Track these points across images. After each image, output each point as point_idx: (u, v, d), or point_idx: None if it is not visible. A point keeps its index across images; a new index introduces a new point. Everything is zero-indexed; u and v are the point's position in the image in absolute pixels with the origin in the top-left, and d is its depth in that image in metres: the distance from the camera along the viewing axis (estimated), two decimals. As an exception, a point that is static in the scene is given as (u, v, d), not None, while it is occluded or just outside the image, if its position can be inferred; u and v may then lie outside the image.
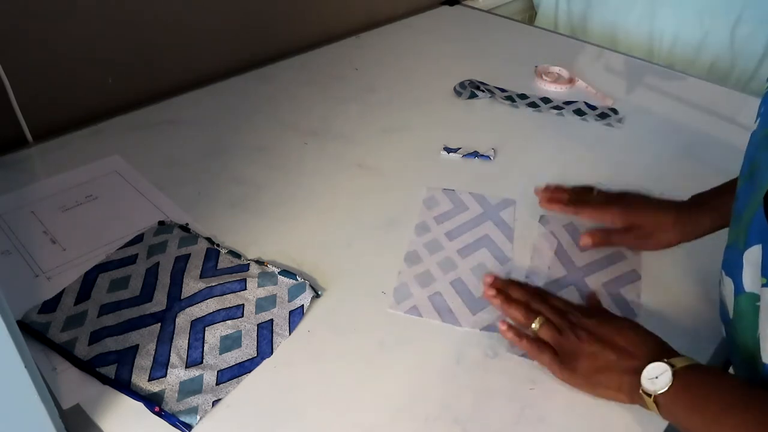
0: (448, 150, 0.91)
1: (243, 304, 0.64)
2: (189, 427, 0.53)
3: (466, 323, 0.64)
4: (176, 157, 0.88)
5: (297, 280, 0.67)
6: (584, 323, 0.58)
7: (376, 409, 0.56)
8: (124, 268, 0.68)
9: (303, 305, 0.64)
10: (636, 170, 0.88)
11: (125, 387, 0.56)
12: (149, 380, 0.57)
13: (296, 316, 0.64)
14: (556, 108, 1.03)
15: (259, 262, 0.69)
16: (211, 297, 0.64)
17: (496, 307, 0.63)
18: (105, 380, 0.57)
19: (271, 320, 0.63)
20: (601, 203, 0.72)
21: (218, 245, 0.72)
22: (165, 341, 0.60)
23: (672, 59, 1.51)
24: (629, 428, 0.55)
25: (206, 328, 0.62)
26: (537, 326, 0.59)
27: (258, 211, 0.79)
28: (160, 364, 0.58)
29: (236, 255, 0.71)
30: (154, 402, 0.55)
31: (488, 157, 0.90)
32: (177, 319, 0.62)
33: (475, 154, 0.90)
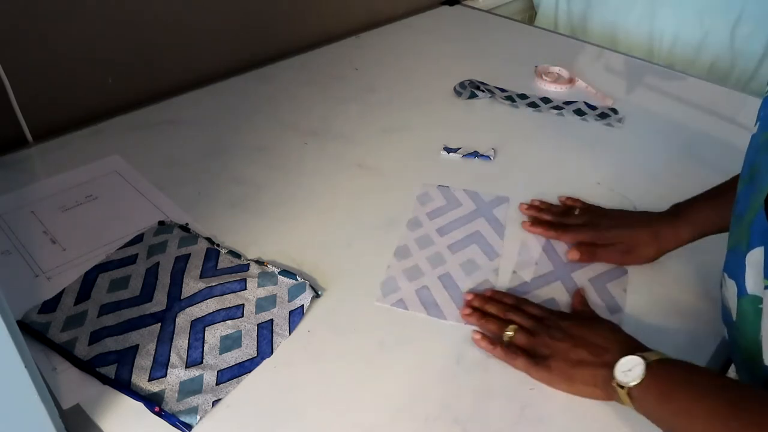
0: (448, 150, 0.91)
1: (243, 304, 0.64)
2: (189, 427, 0.53)
3: (452, 317, 0.65)
4: (176, 157, 0.88)
5: (297, 280, 0.67)
6: (559, 325, 0.60)
7: (376, 409, 0.56)
8: (124, 268, 0.68)
9: (303, 305, 0.64)
10: (636, 170, 0.89)
11: (125, 387, 0.56)
12: (149, 380, 0.57)
13: (296, 316, 0.64)
14: (556, 108, 1.03)
15: (259, 262, 0.69)
16: (211, 297, 0.64)
17: (472, 324, 0.64)
18: (105, 380, 0.57)
19: (271, 320, 0.63)
20: (580, 225, 0.74)
21: (218, 245, 0.72)
22: (165, 341, 0.60)
23: (672, 59, 1.51)
24: (629, 428, 0.55)
25: (206, 328, 0.62)
26: (511, 334, 0.60)
27: (258, 211, 0.79)
28: (160, 364, 0.58)
29: (236, 255, 0.71)
30: (154, 402, 0.55)
31: (488, 157, 0.90)
32: (177, 319, 0.62)
33: (475, 154, 0.90)
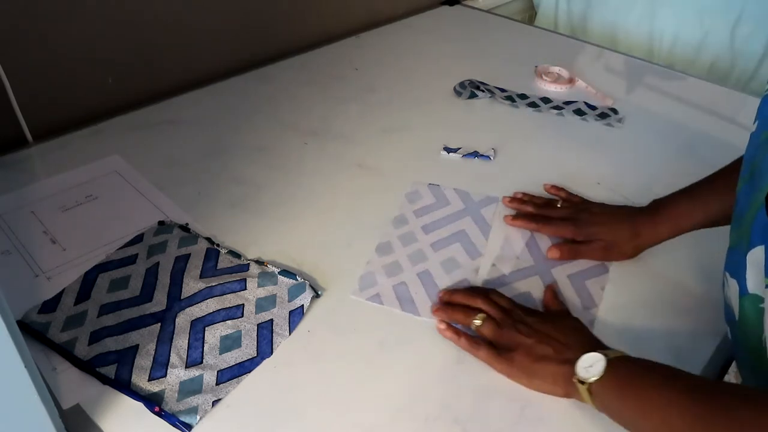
0: (448, 150, 0.91)
1: (243, 304, 0.64)
2: (189, 427, 0.53)
3: (426, 314, 0.65)
4: (176, 157, 0.88)
5: (297, 280, 0.67)
6: (525, 320, 0.60)
7: (376, 409, 0.56)
8: (124, 268, 0.68)
9: (303, 305, 0.64)
10: (636, 170, 0.88)
11: (125, 387, 0.56)
12: (149, 380, 0.57)
13: (296, 316, 0.64)
14: (556, 108, 1.03)
15: (259, 262, 0.69)
16: (211, 297, 0.64)
17: (442, 318, 0.64)
18: (105, 380, 0.57)
19: (271, 320, 0.63)
20: (561, 218, 0.75)
21: (218, 245, 0.72)
22: (165, 341, 0.60)
23: (672, 59, 1.51)
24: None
25: (206, 328, 0.62)
26: (479, 323, 0.61)
27: (258, 211, 0.79)
28: (160, 364, 0.58)
29: (236, 255, 0.71)
30: (154, 402, 0.55)
31: (488, 157, 0.90)
32: (177, 319, 0.62)
33: (475, 154, 0.90)
